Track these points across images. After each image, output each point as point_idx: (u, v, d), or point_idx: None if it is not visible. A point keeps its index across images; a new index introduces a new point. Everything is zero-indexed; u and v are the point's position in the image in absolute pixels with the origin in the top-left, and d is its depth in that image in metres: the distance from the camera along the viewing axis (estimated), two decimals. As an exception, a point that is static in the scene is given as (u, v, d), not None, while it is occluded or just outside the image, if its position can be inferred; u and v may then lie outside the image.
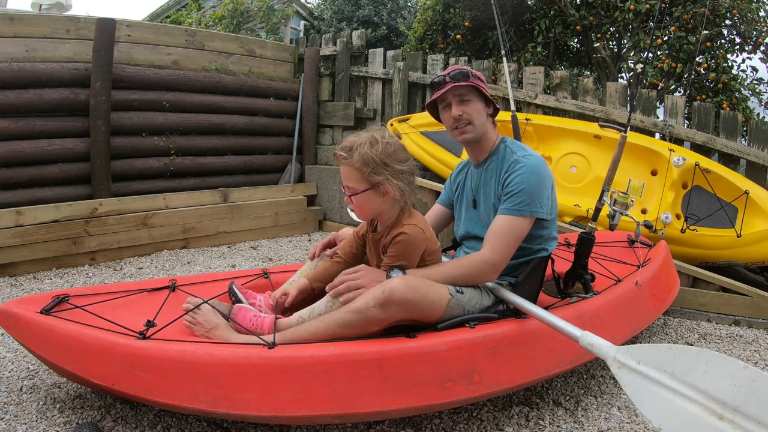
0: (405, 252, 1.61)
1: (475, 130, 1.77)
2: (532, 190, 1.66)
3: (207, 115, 4.50)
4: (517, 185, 1.66)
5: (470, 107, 1.74)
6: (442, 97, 1.76)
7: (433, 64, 4.64)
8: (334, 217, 4.91)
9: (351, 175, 1.59)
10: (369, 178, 1.57)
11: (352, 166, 1.57)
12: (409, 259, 1.62)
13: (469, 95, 1.74)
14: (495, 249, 1.65)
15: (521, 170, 1.67)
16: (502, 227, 1.67)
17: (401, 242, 1.60)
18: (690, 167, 3.10)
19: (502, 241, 1.65)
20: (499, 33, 3.27)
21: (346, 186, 1.63)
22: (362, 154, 1.55)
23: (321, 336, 1.49)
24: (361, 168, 1.56)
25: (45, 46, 3.71)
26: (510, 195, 1.67)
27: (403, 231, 1.61)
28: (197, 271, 3.43)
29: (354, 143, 1.59)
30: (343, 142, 1.62)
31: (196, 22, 7.10)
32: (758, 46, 4.69)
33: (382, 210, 1.64)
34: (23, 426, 1.55)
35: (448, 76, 1.74)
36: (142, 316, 1.62)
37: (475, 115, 1.75)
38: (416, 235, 1.61)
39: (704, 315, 2.81)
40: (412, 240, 1.61)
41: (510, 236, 1.66)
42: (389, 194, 1.59)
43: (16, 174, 3.50)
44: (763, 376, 1.04)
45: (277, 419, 1.43)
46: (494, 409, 1.78)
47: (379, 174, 1.56)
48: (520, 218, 1.66)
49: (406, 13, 7.97)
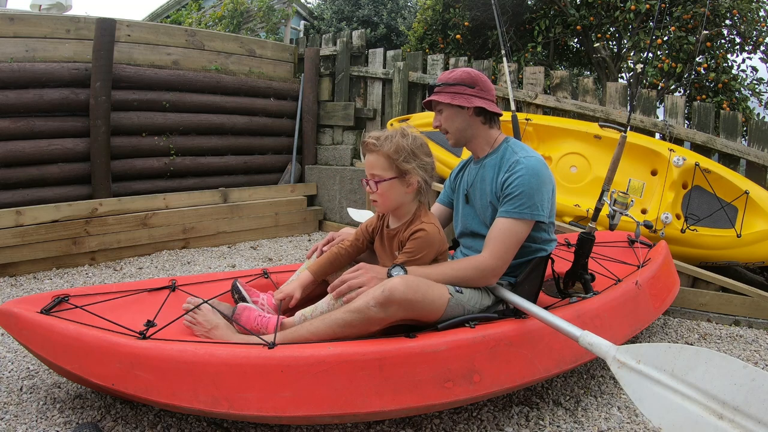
0: (422, 249, 1.62)
1: (453, 136, 1.84)
2: (532, 192, 1.66)
3: (207, 115, 4.50)
4: (517, 187, 1.66)
5: (443, 116, 1.82)
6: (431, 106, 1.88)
7: (433, 64, 4.64)
8: (334, 217, 4.91)
9: (379, 162, 1.63)
10: (398, 166, 1.61)
11: (383, 153, 1.61)
12: (425, 256, 1.63)
13: (440, 105, 1.82)
14: (495, 253, 1.65)
15: (521, 172, 1.67)
16: (502, 231, 1.67)
17: (420, 238, 1.61)
18: (690, 167, 3.10)
19: (501, 245, 1.65)
20: (499, 33, 3.26)
21: (371, 174, 1.65)
22: (395, 142, 1.61)
23: (321, 336, 1.49)
24: (392, 155, 1.61)
25: (45, 46, 3.71)
26: (510, 197, 1.67)
27: (423, 228, 1.63)
28: (197, 271, 3.43)
29: (384, 134, 1.64)
30: (371, 133, 1.67)
31: (196, 22, 7.10)
32: (758, 46, 4.69)
33: (404, 202, 1.67)
34: (23, 426, 1.55)
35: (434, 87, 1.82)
36: (142, 316, 1.62)
37: (447, 124, 1.82)
38: (434, 234, 1.64)
39: (704, 315, 2.81)
40: (430, 238, 1.62)
41: (510, 240, 1.66)
42: (413, 186, 1.63)
43: (16, 174, 3.51)
44: (763, 375, 1.04)
45: (277, 419, 1.43)
46: (494, 409, 1.78)
47: (409, 163, 1.61)
48: (520, 221, 1.66)
49: (406, 13, 7.97)
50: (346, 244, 1.84)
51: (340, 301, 1.58)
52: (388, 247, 1.74)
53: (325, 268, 1.82)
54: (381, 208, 1.70)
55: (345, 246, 1.83)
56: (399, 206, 1.68)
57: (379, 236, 1.79)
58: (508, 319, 1.67)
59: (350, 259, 1.84)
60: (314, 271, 1.81)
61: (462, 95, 1.76)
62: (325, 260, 1.82)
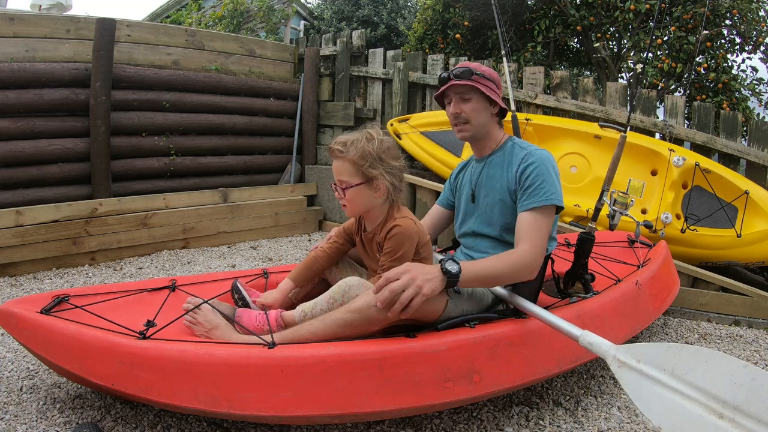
0: (401, 244, 1.61)
1: (473, 129, 1.78)
2: (552, 179, 1.68)
3: (207, 115, 4.50)
4: (537, 177, 1.67)
5: (468, 106, 1.75)
6: (445, 92, 1.79)
7: (433, 64, 4.64)
8: (334, 217, 4.91)
9: (345, 168, 1.62)
10: (365, 172, 1.60)
11: (348, 159, 1.60)
12: (406, 252, 1.62)
13: (470, 94, 1.75)
14: (534, 245, 1.61)
15: (536, 163, 1.68)
16: (533, 222, 1.65)
17: (396, 235, 1.61)
18: (690, 167, 3.10)
19: (537, 236, 1.63)
20: (499, 33, 3.26)
21: (339, 180, 1.65)
22: (359, 148, 1.59)
23: (321, 336, 1.49)
24: (357, 162, 1.59)
25: (45, 46, 3.71)
26: (532, 188, 1.67)
27: (397, 224, 1.62)
28: (197, 271, 3.43)
29: (350, 139, 1.63)
30: (338, 138, 1.65)
31: (196, 22, 7.10)
32: (758, 46, 4.69)
33: (373, 206, 1.66)
34: (23, 426, 1.55)
35: (452, 73, 1.75)
36: (142, 316, 1.62)
37: (473, 115, 1.76)
38: (409, 227, 1.63)
39: (704, 315, 2.81)
40: (406, 232, 1.62)
41: (543, 230, 1.65)
42: (381, 190, 1.63)
43: (16, 174, 3.50)
44: (763, 375, 1.04)
45: (277, 419, 1.43)
46: (494, 409, 1.78)
47: (375, 168, 1.60)
48: (546, 208, 1.66)
49: (406, 13, 7.97)
50: (324, 247, 1.85)
51: (340, 299, 1.57)
52: (369, 250, 1.75)
53: (304, 274, 1.83)
54: (349, 212, 1.70)
55: (324, 249, 1.84)
56: (369, 210, 1.68)
57: (359, 240, 1.80)
58: (508, 319, 1.67)
59: (330, 262, 1.85)
60: (294, 277, 1.82)
61: (493, 91, 1.77)
62: (303, 266, 1.84)
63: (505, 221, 1.78)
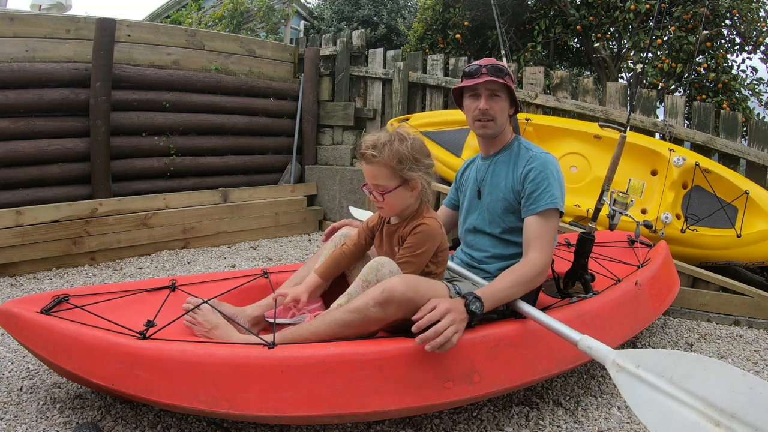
0: (424, 242, 1.61)
1: (496, 126, 1.80)
2: (557, 183, 1.71)
3: (207, 115, 4.50)
4: (542, 181, 1.69)
5: (498, 104, 1.76)
6: (474, 86, 1.76)
7: (433, 64, 4.64)
8: (334, 217, 4.91)
9: (382, 173, 1.57)
10: (402, 175, 1.57)
11: (383, 164, 1.56)
12: (427, 250, 1.62)
13: (500, 92, 1.76)
14: (543, 250, 1.65)
15: (541, 167, 1.71)
16: (541, 227, 1.67)
17: (421, 233, 1.60)
18: (690, 167, 3.10)
19: (545, 241, 1.66)
20: (499, 33, 3.26)
21: (374, 185, 1.60)
22: (394, 151, 1.55)
23: (321, 336, 1.49)
24: (395, 166, 1.55)
25: (45, 46, 3.71)
26: (537, 193, 1.69)
27: (424, 222, 1.62)
28: (197, 271, 3.43)
29: (379, 140, 1.57)
30: (366, 142, 1.59)
31: (196, 22, 7.09)
32: (758, 46, 4.69)
33: (409, 204, 1.65)
34: (23, 426, 1.55)
35: (485, 67, 1.73)
36: (142, 316, 1.63)
37: (499, 113, 1.78)
38: (436, 229, 1.63)
39: (704, 315, 2.81)
40: (432, 232, 1.61)
41: (551, 234, 1.68)
42: (417, 188, 1.61)
43: (16, 174, 3.50)
44: (761, 384, 1.04)
45: (277, 419, 1.43)
46: (494, 409, 1.78)
47: (413, 171, 1.57)
48: (551, 212, 1.68)
49: (406, 13, 7.97)
50: (349, 244, 1.84)
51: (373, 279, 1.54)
52: (387, 243, 1.74)
53: (331, 270, 1.82)
54: (387, 214, 1.69)
55: (348, 245, 1.83)
56: (405, 208, 1.68)
57: (378, 232, 1.79)
58: (508, 319, 1.66)
59: (355, 259, 1.84)
60: (321, 273, 1.80)
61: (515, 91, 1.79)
62: (330, 262, 1.82)
63: (507, 220, 1.79)
